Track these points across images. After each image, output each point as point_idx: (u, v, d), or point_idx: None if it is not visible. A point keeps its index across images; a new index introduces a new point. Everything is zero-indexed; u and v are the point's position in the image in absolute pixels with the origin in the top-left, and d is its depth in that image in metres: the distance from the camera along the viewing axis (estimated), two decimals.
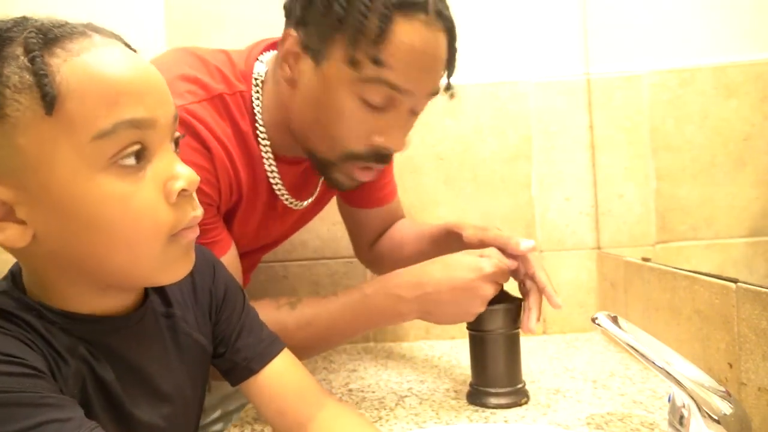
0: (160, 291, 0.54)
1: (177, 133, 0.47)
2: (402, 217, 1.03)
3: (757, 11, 0.66)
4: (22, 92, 0.39)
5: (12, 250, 0.44)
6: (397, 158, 1.11)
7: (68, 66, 0.40)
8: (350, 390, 0.84)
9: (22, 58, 0.40)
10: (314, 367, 0.97)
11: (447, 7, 0.71)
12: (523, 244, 0.72)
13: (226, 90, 0.72)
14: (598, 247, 1.09)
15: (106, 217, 0.42)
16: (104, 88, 0.41)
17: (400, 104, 0.69)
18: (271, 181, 0.78)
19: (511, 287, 0.77)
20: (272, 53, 0.78)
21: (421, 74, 0.69)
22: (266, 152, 0.75)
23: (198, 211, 0.46)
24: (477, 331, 0.74)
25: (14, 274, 0.47)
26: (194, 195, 0.47)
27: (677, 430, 0.51)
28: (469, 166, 1.11)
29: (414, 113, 0.73)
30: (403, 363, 0.96)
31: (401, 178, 1.12)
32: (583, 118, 1.09)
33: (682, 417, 0.50)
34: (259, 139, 0.75)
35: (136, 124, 0.42)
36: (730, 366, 0.62)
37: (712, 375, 0.54)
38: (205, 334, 0.57)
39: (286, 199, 0.81)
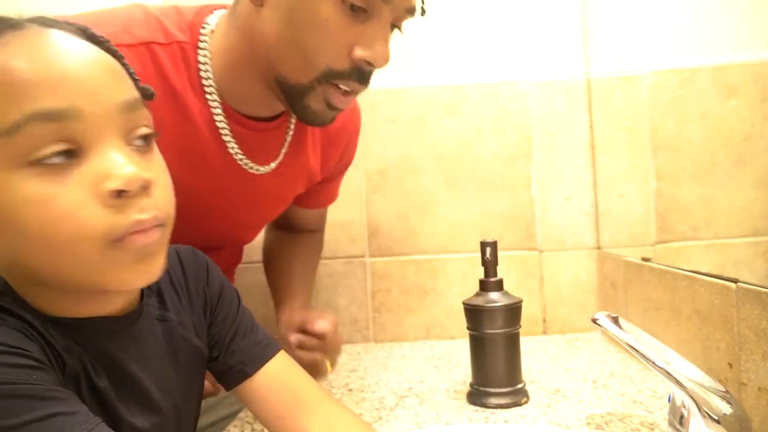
0: (157, 293, 0.53)
1: (144, 130, 0.43)
2: (315, 230, 1.03)
3: (757, 11, 0.66)
4: None
5: None
6: (398, 158, 1.12)
7: None
8: (350, 390, 0.83)
9: None
10: None
11: None
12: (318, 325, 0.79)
13: (160, 39, 0.66)
14: (598, 247, 1.09)
15: (25, 221, 0.39)
16: (11, 82, 0.38)
17: (381, 13, 0.65)
18: (224, 139, 0.71)
19: (512, 287, 0.77)
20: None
21: None
22: (214, 104, 0.69)
23: (146, 214, 0.41)
24: (477, 331, 0.74)
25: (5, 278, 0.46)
26: (153, 194, 0.42)
27: (677, 430, 0.51)
28: (469, 166, 1.11)
29: (394, 27, 0.69)
30: (403, 363, 0.96)
31: (401, 178, 1.12)
32: (583, 118, 1.09)
33: (682, 417, 0.50)
34: (207, 93, 0.69)
35: (52, 117, 0.38)
36: (730, 366, 0.62)
37: (712, 375, 0.54)
38: (202, 337, 0.56)
39: (244, 163, 0.74)
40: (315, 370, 0.78)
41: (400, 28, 0.70)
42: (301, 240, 1.00)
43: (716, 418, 0.48)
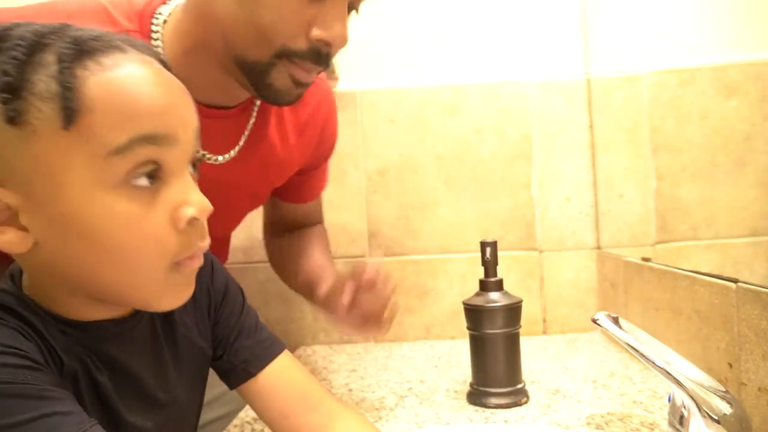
0: None
1: (199, 152, 0.46)
2: (318, 222, 1.00)
3: (757, 11, 0.66)
4: (45, 101, 0.39)
5: (12, 254, 0.43)
6: (398, 158, 1.12)
7: (95, 80, 0.40)
8: (350, 390, 0.84)
9: (53, 66, 0.39)
10: (314, 367, 0.97)
11: None
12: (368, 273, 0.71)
13: (107, 29, 0.66)
14: (598, 247, 1.09)
15: (110, 237, 0.41)
16: (125, 104, 0.40)
17: None
18: None
19: (512, 287, 0.77)
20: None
21: None
22: None
23: (205, 242, 0.45)
24: (477, 331, 0.74)
25: (13, 275, 0.47)
26: (204, 224, 0.46)
27: (677, 430, 0.51)
28: (469, 166, 1.11)
29: (351, 8, 0.67)
30: (403, 363, 0.96)
31: (401, 178, 1.12)
32: (583, 118, 1.09)
33: (682, 417, 0.50)
34: None
35: (153, 140, 0.41)
36: (730, 366, 0.62)
37: (712, 375, 0.54)
38: (205, 337, 0.56)
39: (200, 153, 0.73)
40: (374, 325, 0.73)
41: (357, 10, 0.68)
42: (306, 234, 0.97)
43: (716, 418, 0.48)
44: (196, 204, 0.43)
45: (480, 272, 0.76)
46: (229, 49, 0.66)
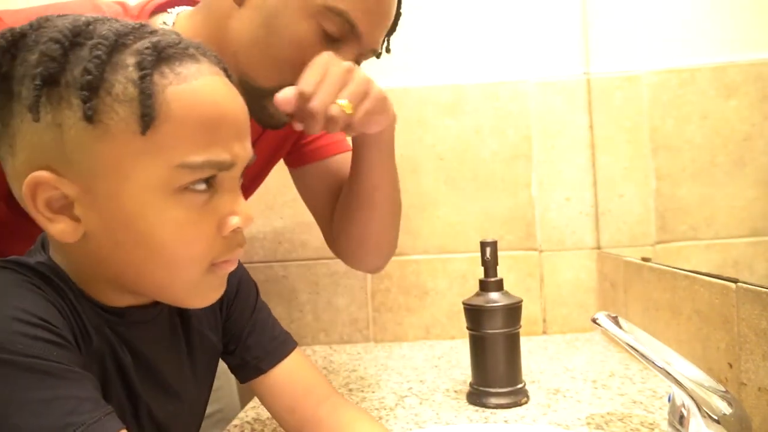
0: None
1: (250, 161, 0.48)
2: None
3: (757, 11, 0.66)
4: (122, 103, 0.40)
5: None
6: (398, 158, 1.11)
7: (173, 90, 0.41)
8: (350, 390, 0.84)
9: (132, 70, 0.40)
10: None
11: None
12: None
13: None
14: (598, 247, 1.09)
15: (159, 238, 0.42)
16: (202, 124, 0.42)
17: (351, 46, 0.67)
18: None
19: (512, 287, 0.77)
20: (184, 8, 0.73)
21: (377, 20, 0.67)
22: None
23: (243, 248, 0.47)
24: (477, 331, 0.74)
25: (44, 245, 0.48)
26: (243, 231, 0.47)
27: (677, 430, 0.51)
28: (469, 166, 1.11)
29: (357, 61, 0.70)
30: (403, 363, 0.96)
31: (401, 178, 1.11)
32: (583, 118, 1.09)
33: (682, 417, 0.50)
34: None
35: (220, 166, 0.43)
36: (730, 366, 0.62)
37: (712, 375, 0.54)
38: (216, 332, 0.57)
39: None
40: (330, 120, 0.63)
41: (359, 65, 0.71)
42: None
43: (716, 418, 0.48)
44: (242, 214, 0.45)
45: (480, 272, 0.76)
46: (237, 67, 0.68)
